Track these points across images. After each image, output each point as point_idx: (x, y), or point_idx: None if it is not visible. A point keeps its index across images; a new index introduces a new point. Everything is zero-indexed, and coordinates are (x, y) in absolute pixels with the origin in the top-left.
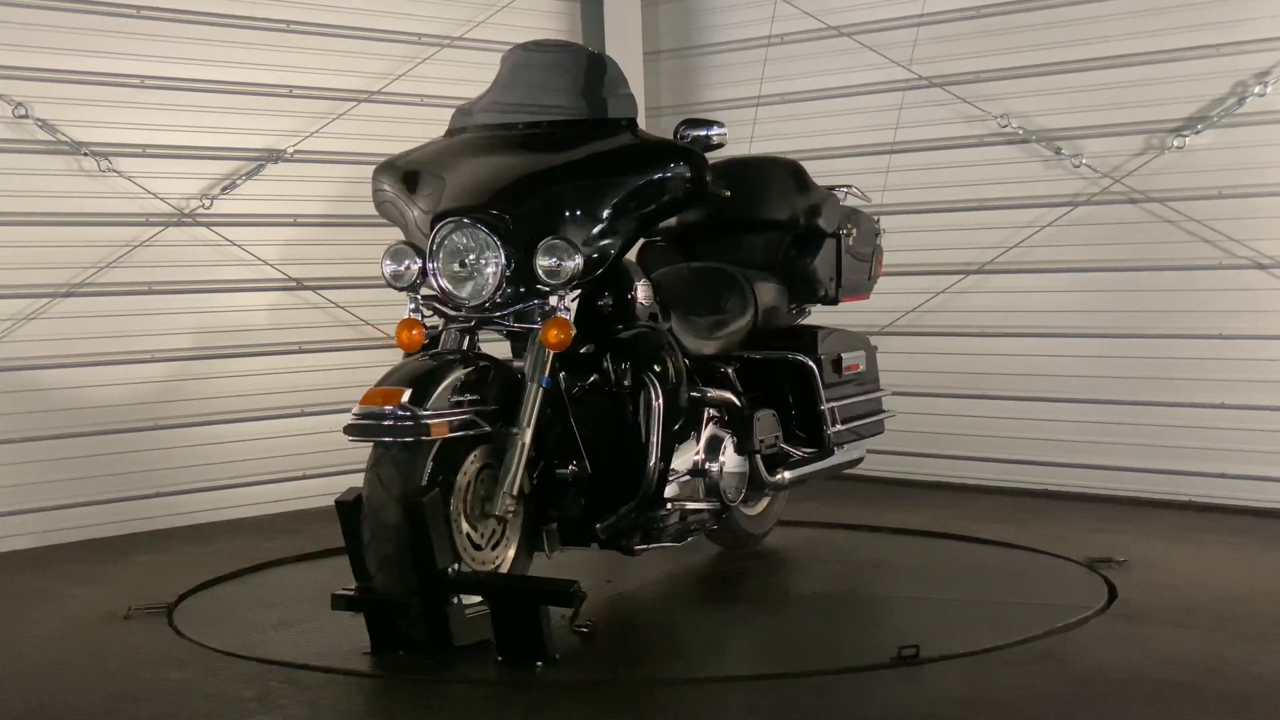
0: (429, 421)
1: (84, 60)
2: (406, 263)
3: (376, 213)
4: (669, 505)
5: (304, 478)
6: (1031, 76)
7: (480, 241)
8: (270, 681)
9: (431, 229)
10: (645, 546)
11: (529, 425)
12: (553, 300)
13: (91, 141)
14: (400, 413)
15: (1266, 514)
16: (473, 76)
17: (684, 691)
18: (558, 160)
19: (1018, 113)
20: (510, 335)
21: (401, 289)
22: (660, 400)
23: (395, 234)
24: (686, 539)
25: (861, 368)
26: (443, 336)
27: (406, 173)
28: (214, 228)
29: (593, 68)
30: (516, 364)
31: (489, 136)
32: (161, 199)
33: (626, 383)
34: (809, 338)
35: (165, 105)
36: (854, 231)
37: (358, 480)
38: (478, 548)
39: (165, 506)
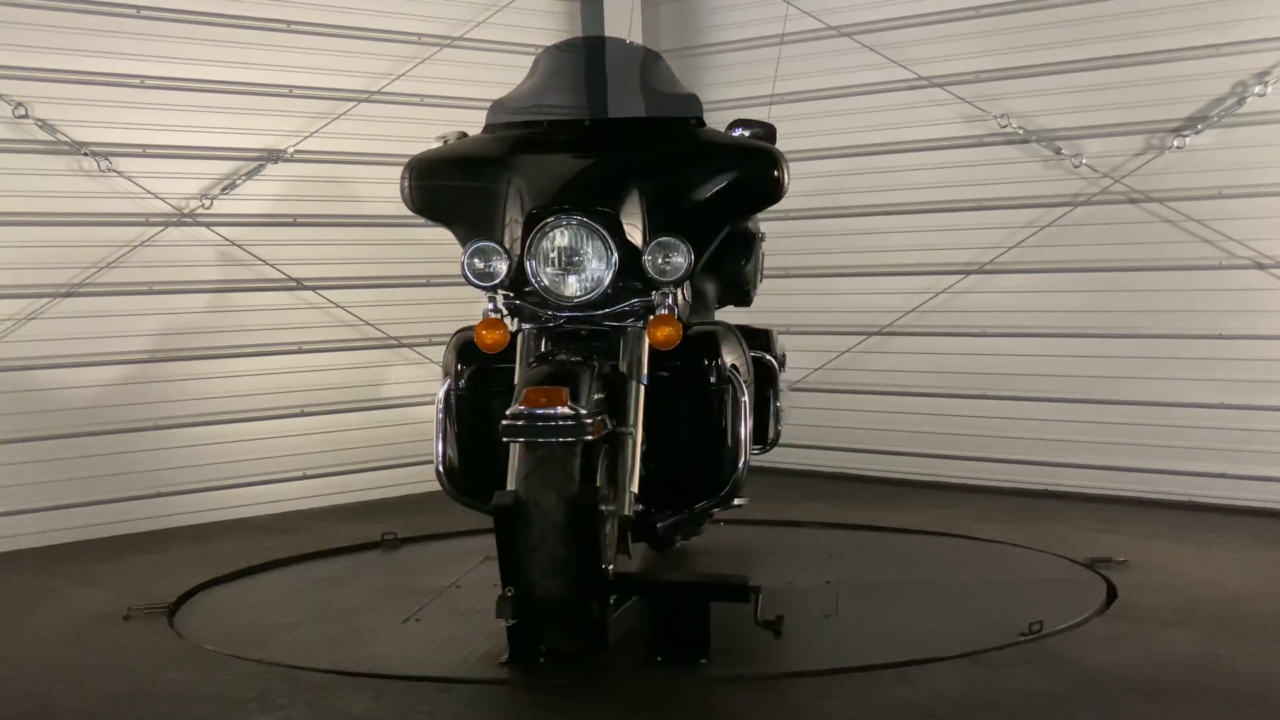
0: (589, 421)
1: (84, 60)
2: (493, 261)
3: (410, 211)
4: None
5: (304, 478)
6: (1031, 76)
7: (589, 239)
8: (270, 681)
9: (529, 226)
10: (675, 543)
11: (637, 424)
12: (656, 297)
13: (91, 141)
14: (567, 412)
15: (1266, 514)
16: (473, 76)
17: (683, 691)
18: (649, 158)
19: (1018, 113)
20: (592, 334)
21: (487, 288)
22: (746, 396)
23: (395, 234)
24: (693, 536)
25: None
26: (521, 336)
27: (465, 168)
28: (214, 228)
29: (648, 65)
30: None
31: (558, 134)
32: (161, 199)
33: (713, 380)
34: (765, 337)
35: (165, 105)
36: (763, 234)
37: (359, 480)
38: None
39: (165, 506)
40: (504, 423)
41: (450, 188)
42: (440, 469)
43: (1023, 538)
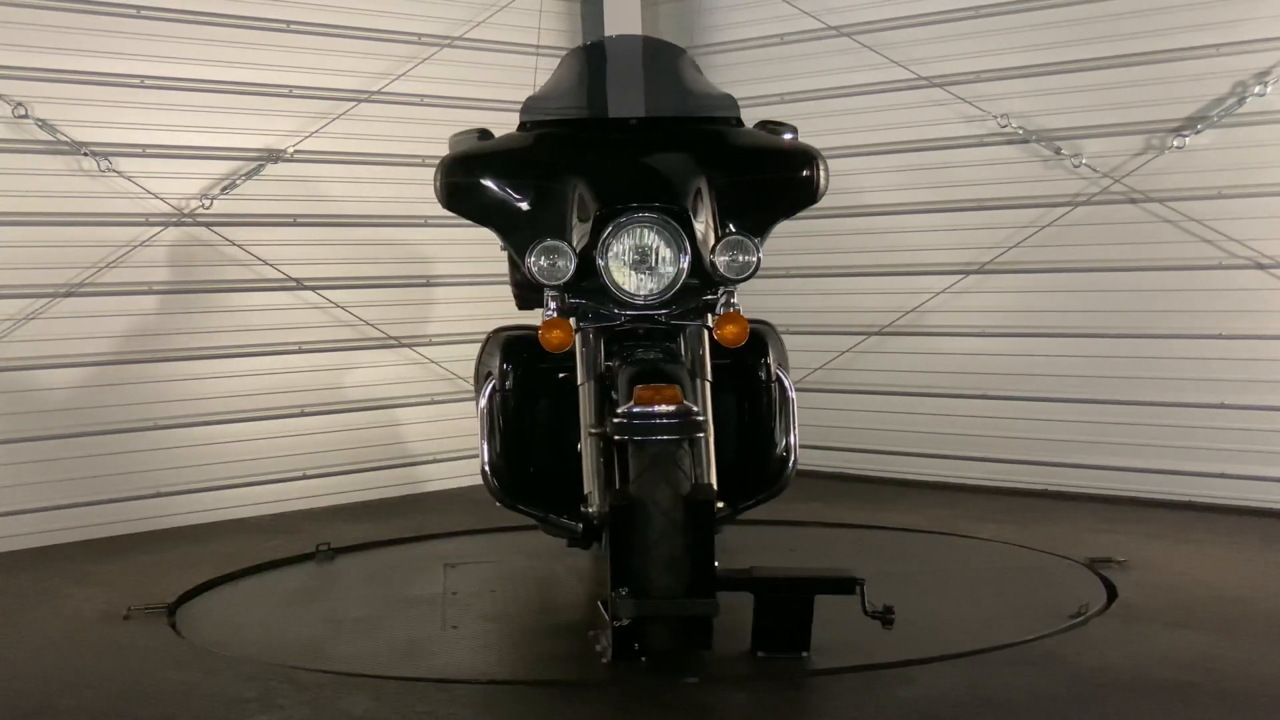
0: (700, 418)
1: (84, 60)
2: (559, 259)
3: (444, 210)
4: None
5: (304, 478)
6: (1031, 76)
7: (665, 237)
8: (270, 681)
9: (600, 224)
10: None
11: (708, 421)
12: (722, 295)
13: (91, 141)
14: (680, 409)
15: (1266, 514)
16: (473, 76)
17: (682, 690)
18: (707, 157)
19: (1018, 113)
20: (649, 333)
21: (553, 286)
22: (794, 393)
23: (395, 234)
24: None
25: None
26: (582, 335)
27: (513, 166)
28: (214, 228)
29: (684, 64)
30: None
31: (604, 132)
32: (161, 199)
33: (762, 377)
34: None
35: (165, 105)
36: None
37: (359, 480)
38: None
39: (165, 506)
40: (616, 420)
41: (496, 185)
42: (486, 470)
43: (1022, 538)
